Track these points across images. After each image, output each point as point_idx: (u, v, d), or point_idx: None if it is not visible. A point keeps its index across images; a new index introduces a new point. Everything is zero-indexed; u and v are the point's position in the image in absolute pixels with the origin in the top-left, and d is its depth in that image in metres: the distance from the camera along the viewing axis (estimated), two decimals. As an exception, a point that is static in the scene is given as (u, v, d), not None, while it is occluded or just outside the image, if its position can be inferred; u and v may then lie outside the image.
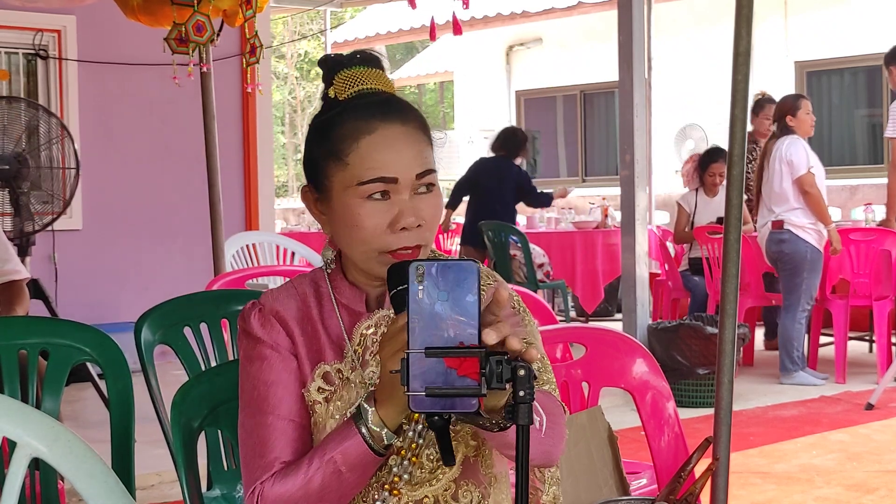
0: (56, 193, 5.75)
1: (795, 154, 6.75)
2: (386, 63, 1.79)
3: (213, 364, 2.85)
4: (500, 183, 8.48)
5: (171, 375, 2.64)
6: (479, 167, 8.77)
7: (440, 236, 10.51)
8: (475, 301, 1.41)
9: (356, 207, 1.66)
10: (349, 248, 1.71)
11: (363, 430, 1.57)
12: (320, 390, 1.69)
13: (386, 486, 1.66)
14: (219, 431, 2.60)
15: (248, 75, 5.32)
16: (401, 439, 1.64)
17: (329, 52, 14.12)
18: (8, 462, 1.60)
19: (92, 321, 2.67)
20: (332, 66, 1.75)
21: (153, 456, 3.98)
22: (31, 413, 1.65)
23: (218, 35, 5.12)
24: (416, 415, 1.64)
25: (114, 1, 5.38)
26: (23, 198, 5.59)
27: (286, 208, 15.10)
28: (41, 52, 7.31)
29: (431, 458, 1.67)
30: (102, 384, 4.24)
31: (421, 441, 1.66)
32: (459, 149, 14.47)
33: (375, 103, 1.70)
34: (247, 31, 5.11)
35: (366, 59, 1.74)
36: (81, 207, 7.33)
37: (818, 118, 7.74)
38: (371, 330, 1.71)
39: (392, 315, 1.61)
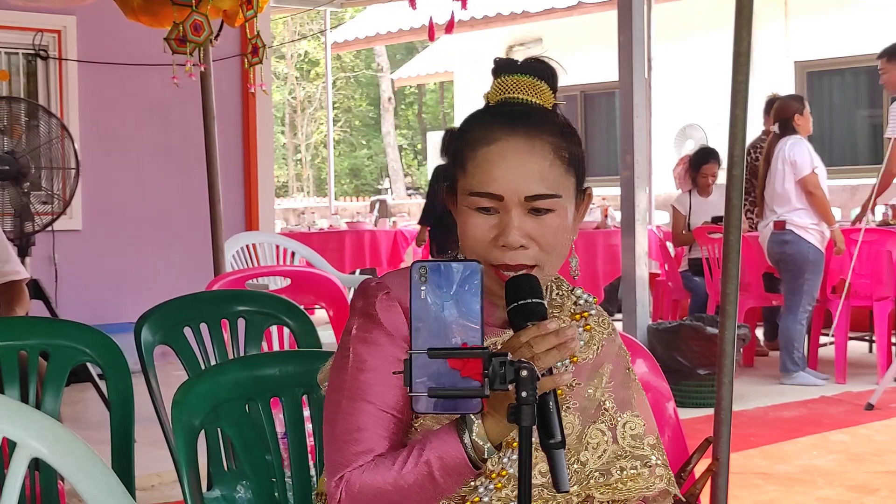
0: (56, 194, 5.75)
1: (799, 154, 6.75)
2: (560, 73, 1.74)
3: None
4: None
5: (172, 376, 2.63)
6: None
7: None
8: (478, 302, 1.41)
9: (467, 216, 1.66)
10: (463, 250, 1.70)
11: (465, 439, 1.55)
12: None
13: (468, 502, 1.65)
14: (219, 431, 2.60)
15: (251, 76, 5.32)
16: (494, 462, 1.63)
17: (329, 52, 14.11)
18: (8, 462, 1.60)
19: (92, 322, 2.67)
20: (498, 68, 1.75)
21: (153, 457, 3.98)
22: (31, 414, 1.65)
23: (217, 35, 5.12)
24: (516, 443, 1.61)
25: (114, 1, 5.38)
26: (23, 198, 5.59)
27: (286, 208, 15.12)
28: (41, 53, 7.31)
29: (512, 497, 1.65)
30: (103, 385, 4.24)
31: (511, 472, 1.64)
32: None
33: (508, 114, 1.67)
34: (248, 31, 5.10)
35: (530, 68, 1.72)
36: (81, 208, 7.34)
37: (819, 118, 7.76)
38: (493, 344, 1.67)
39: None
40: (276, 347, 3.54)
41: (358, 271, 9.78)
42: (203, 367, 2.83)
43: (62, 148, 5.74)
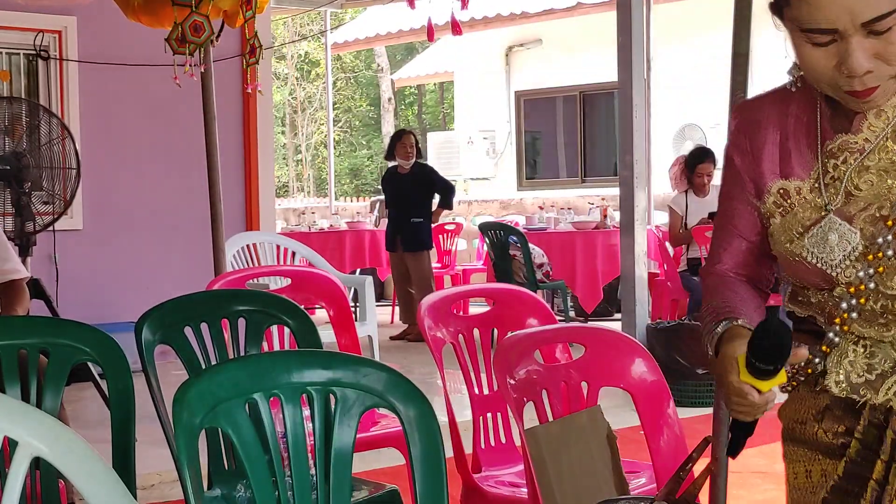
0: (57, 193, 5.75)
1: None
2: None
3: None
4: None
5: (172, 375, 2.64)
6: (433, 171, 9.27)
7: (441, 236, 10.51)
8: None
9: (801, 48, 1.60)
10: (807, 77, 1.67)
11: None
12: (776, 204, 1.71)
13: (836, 321, 1.67)
14: (219, 431, 2.60)
15: (248, 76, 5.33)
16: (849, 274, 1.63)
17: (329, 52, 14.09)
18: (9, 462, 1.61)
19: (92, 321, 2.68)
20: None
21: (154, 456, 3.99)
22: (31, 413, 1.66)
23: (218, 36, 5.13)
24: (871, 256, 1.62)
25: (114, 1, 5.39)
26: (24, 198, 5.60)
27: (286, 208, 15.12)
28: (42, 53, 7.32)
29: (882, 305, 1.63)
30: (103, 384, 4.25)
31: (872, 286, 1.62)
32: (459, 149, 14.48)
33: None
34: (247, 31, 5.11)
35: None
36: (82, 207, 7.34)
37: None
38: (833, 152, 1.67)
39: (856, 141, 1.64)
40: (276, 347, 3.55)
41: (358, 271, 9.79)
42: (203, 367, 2.84)
43: (63, 148, 5.74)
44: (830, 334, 1.68)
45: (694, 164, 7.97)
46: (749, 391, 1.60)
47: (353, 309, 5.02)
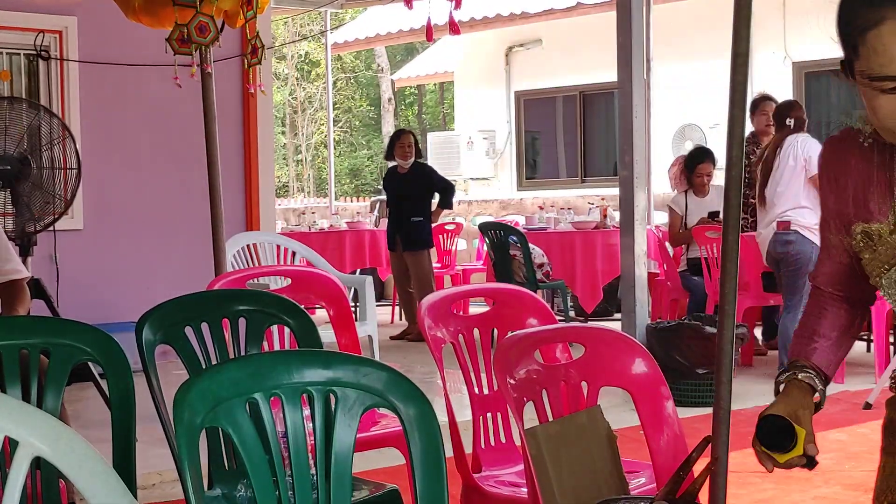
0: (57, 194, 5.75)
1: (814, 151, 6.72)
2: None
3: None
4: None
5: (173, 375, 2.64)
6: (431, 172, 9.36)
7: (441, 236, 10.51)
8: None
9: (870, 97, 1.68)
10: (877, 127, 1.75)
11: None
12: (863, 242, 1.84)
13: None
14: (220, 430, 2.61)
15: (251, 76, 5.33)
16: None
17: (329, 52, 14.09)
18: (10, 462, 1.61)
19: (93, 321, 2.68)
20: None
21: (154, 456, 3.99)
22: (32, 412, 1.66)
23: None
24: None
25: (115, 2, 5.39)
26: (24, 198, 5.60)
27: (287, 208, 15.12)
28: (43, 53, 7.32)
29: None
30: (104, 384, 4.25)
31: None
32: (459, 149, 14.48)
33: None
34: (248, 32, 5.11)
35: None
36: (83, 207, 7.34)
37: (817, 119, 7.78)
38: None
39: None
40: (276, 347, 3.55)
41: (358, 271, 9.79)
42: (204, 367, 2.84)
43: (63, 148, 5.74)
44: None
45: (693, 165, 7.98)
46: (765, 461, 1.91)
47: (353, 309, 5.03)
